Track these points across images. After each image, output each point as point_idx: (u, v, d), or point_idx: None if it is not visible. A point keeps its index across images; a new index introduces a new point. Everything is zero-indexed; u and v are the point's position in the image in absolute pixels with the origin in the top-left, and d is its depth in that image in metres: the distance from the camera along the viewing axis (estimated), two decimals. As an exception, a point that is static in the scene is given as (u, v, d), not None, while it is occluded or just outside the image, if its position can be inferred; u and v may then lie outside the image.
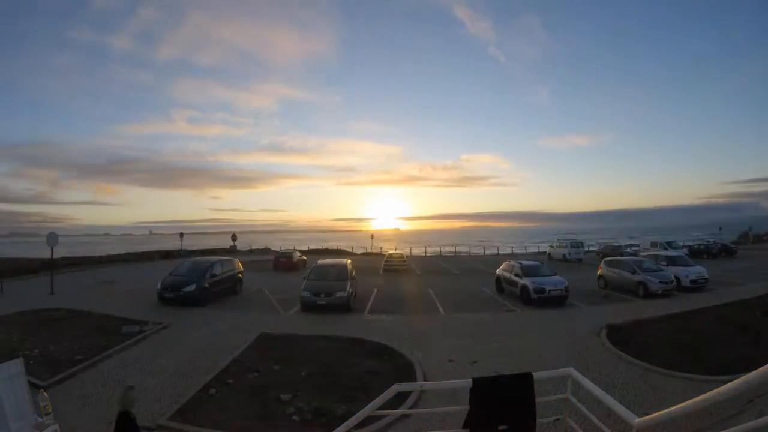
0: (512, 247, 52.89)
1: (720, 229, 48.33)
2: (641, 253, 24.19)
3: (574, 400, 4.12)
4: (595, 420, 3.89)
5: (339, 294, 13.81)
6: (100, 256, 35.11)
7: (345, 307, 13.87)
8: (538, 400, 3.67)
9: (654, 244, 32.54)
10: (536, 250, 46.77)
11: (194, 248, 45.00)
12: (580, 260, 33.37)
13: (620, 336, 9.96)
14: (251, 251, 47.52)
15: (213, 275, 16.09)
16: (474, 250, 52.06)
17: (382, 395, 3.55)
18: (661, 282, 15.68)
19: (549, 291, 14.77)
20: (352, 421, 3.60)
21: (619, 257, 20.30)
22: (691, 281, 16.93)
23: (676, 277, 16.58)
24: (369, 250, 50.53)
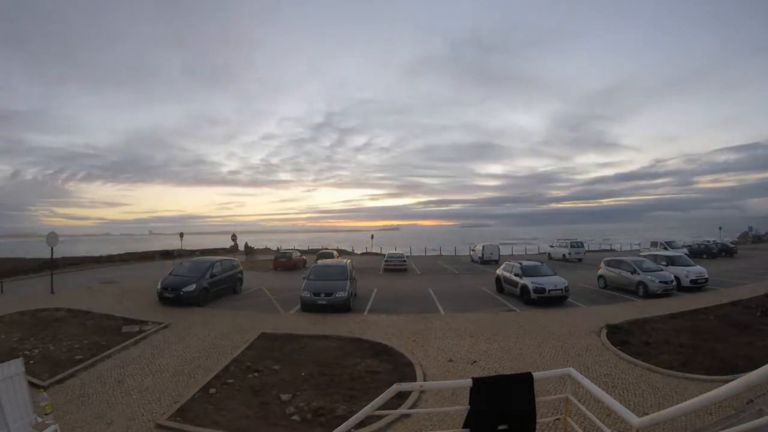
0: (512, 246, 52.84)
1: (720, 228, 48.29)
2: (641, 253, 24.19)
3: (574, 399, 4.12)
4: (595, 420, 3.89)
5: (339, 294, 13.81)
6: (100, 256, 35.12)
7: (345, 307, 13.86)
8: (538, 399, 3.67)
9: (654, 244, 32.56)
10: (536, 250, 46.78)
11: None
12: (580, 260, 33.41)
13: (620, 336, 9.96)
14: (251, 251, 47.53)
15: (213, 275, 16.10)
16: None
17: (382, 395, 3.55)
18: (661, 282, 15.68)
19: (549, 291, 14.77)
20: (352, 420, 3.60)
21: (619, 257, 20.31)
22: (691, 281, 16.95)
23: (676, 277, 16.59)
24: (369, 250, 50.55)
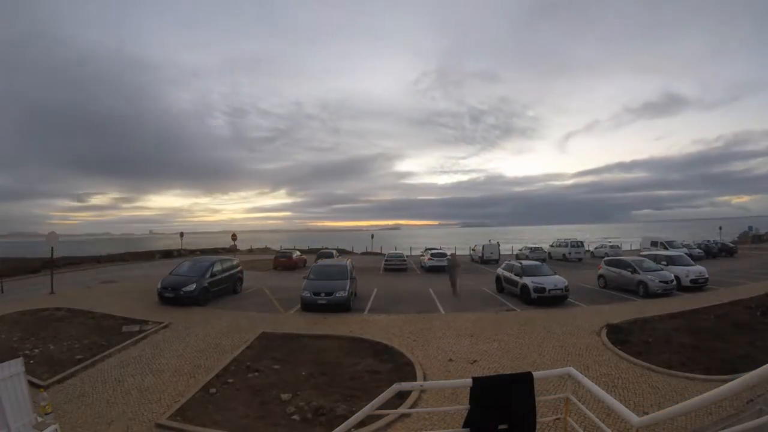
0: (512, 246, 52.84)
1: (720, 228, 48.29)
2: (641, 253, 24.21)
3: (574, 399, 4.12)
4: (595, 419, 3.89)
5: (339, 293, 13.82)
6: (100, 256, 35.14)
7: (345, 307, 13.86)
8: (538, 399, 3.67)
9: (654, 244, 32.58)
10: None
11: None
12: (580, 260, 33.42)
13: (620, 335, 9.95)
14: (251, 251, 47.68)
15: (213, 275, 16.11)
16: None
17: (382, 395, 3.55)
18: (661, 281, 15.68)
19: (549, 290, 14.77)
20: (353, 420, 3.60)
21: (619, 256, 20.31)
22: (691, 281, 16.95)
23: (676, 277, 16.59)
24: (369, 250, 50.56)
